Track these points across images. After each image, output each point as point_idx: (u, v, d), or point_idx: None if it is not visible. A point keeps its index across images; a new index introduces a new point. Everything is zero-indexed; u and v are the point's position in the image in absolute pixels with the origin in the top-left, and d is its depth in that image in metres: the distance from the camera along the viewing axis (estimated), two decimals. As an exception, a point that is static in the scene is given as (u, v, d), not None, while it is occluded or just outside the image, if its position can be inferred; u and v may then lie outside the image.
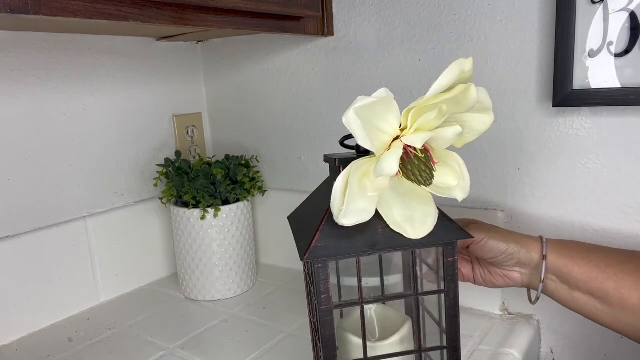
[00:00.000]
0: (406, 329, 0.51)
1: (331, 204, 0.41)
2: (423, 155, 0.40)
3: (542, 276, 0.56)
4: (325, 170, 0.52)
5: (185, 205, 0.86)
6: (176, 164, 0.90)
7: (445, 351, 0.48)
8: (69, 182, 0.85)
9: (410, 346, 0.51)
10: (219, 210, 0.86)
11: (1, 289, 0.77)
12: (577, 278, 0.55)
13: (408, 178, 0.41)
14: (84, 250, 0.87)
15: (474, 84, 0.40)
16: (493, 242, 0.57)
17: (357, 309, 0.46)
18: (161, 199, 0.90)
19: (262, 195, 0.98)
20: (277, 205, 1.00)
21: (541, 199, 0.72)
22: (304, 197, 0.94)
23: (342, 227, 0.41)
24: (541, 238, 0.58)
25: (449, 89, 0.39)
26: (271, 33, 0.77)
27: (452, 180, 0.43)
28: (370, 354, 0.47)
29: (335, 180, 0.41)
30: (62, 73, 0.82)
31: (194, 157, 1.04)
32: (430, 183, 0.41)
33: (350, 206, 0.40)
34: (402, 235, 0.43)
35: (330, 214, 0.42)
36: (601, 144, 0.67)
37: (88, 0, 0.51)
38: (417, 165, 0.40)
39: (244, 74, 1.00)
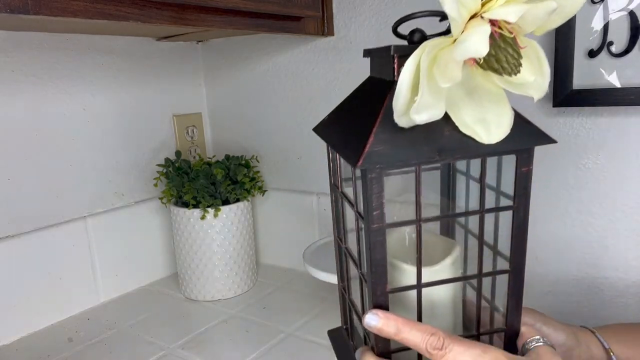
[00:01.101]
0: (457, 252, 0.45)
1: (395, 99, 0.33)
2: (512, 36, 0.33)
3: None
4: (325, 170, 0.52)
5: (185, 205, 0.86)
6: (176, 164, 0.90)
7: (507, 276, 0.42)
8: (69, 182, 0.85)
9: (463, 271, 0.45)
10: (219, 210, 0.86)
11: (1, 289, 0.77)
12: None
13: (489, 66, 0.34)
14: (84, 250, 0.87)
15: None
16: (547, 329, 0.46)
17: (394, 234, 0.40)
18: (161, 199, 0.90)
19: (262, 195, 0.98)
20: (277, 205, 1.00)
21: (541, 199, 0.72)
22: (304, 197, 0.93)
23: (400, 130, 0.35)
24: (587, 328, 0.49)
25: None
26: (271, 33, 0.77)
27: (529, 75, 0.35)
28: (410, 270, 0.41)
29: (377, 80, 0.35)
30: (62, 73, 0.82)
31: (194, 157, 1.04)
32: (519, 71, 0.34)
33: (422, 100, 0.33)
34: (472, 141, 0.36)
35: (384, 116, 0.35)
36: (601, 144, 0.67)
37: (88, 0, 0.51)
38: (503, 49, 0.33)
39: (244, 74, 1.00)
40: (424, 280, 0.40)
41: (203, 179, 0.86)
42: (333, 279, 0.56)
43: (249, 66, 0.99)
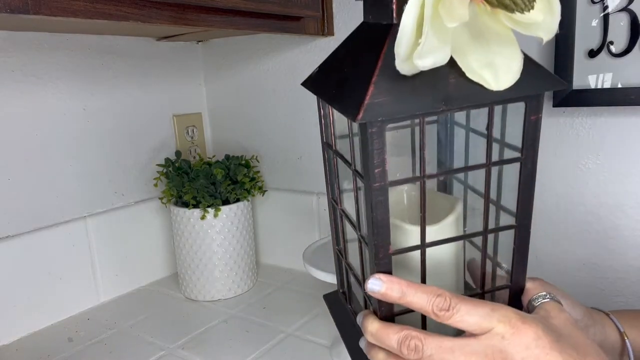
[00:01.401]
0: (459, 209, 0.42)
1: (397, 42, 0.31)
2: None
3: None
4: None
5: (185, 205, 0.86)
6: (176, 164, 0.90)
7: (509, 233, 0.40)
8: (69, 182, 0.85)
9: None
10: (219, 210, 0.86)
11: (1, 289, 0.77)
12: None
13: (500, 3, 0.31)
14: (84, 250, 0.87)
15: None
16: (565, 302, 0.44)
17: (391, 193, 0.37)
18: (161, 199, 0.90)
19: (262, 195, 0.98)
20: (277, 205, 1.00)
21: (541, 199, 0.72)
22: (304, 197, 0.93)
23: (402, 79, 0.32)
24: (602, 311, 0.48)
25: None
26: (271, 33, 0.77)
27: (538, 14, 0.32)
28: (410, 230, 0.39)
29: (372, 25, 0.33)
30: (62, 73, 0.82)
31: (194, 157, 1.04)
32: (532, 7, 0.31)
33: (427, 42, 0.30)
34: (479, 88, 0.34)
35: (384, 63, 0.33)
36: (601, 144, 0.67)
37: (88, 0, 0.51)
38: None
39: (244, 74, 1.00)
40: (429, 239, 0.38)
41: (203, 179, 0.86)
42: (333, 279, 0.56)
43: (249, 66, 0.99)
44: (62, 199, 0.84)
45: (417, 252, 0.38)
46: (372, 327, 0.37)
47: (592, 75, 0.63)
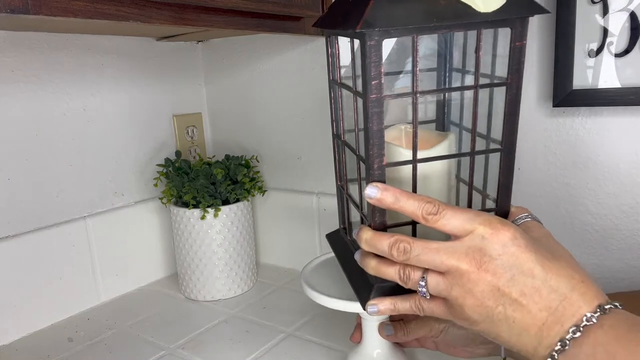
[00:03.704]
0: (451, 138, 0.47)
1: None
2: None
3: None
4: (325, 170, 0.52)
5: (185, 205, 0.86)
6: (176, 164, 0.90)
7: (499, 155, 0.44)
8: (69, 182, 0.85)
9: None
10: (219, 210, 0.86)
11: (1, 289, 0.77)
12: None
13: None
14: (84, 250, 0.87)
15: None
16: (455, 330, 0.52)
17: (392, 131, 0.41)
18: (161, 199, 0.90)
19: (262, 195, 0.98)
20: (277, 205, 1.00)
21: (541, 198, 0.72)
22: (304, 197, 0.94)
23: (399, 0, 0.37)
24: None
25: None
26: (271, 33, 0.77)
27: None
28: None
29: None
30: (62, 73, 0.82)
31: (194, 157, 1.04)
32: None
33: None
34: (468, 9, 0.37)
35: None
36: (601, 144, 0.67)
37: (88, 0, 0.51)
38: None
39: (244, 74, 1.00)
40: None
41: (203, 179, 0.86)
42: (332, 303, 0.55)
43: (249, 66, 0.99)
44: (62, 199, 0.84)
45: (410, 173, 0.42)
46: (367, 235, 0.42)
47: (592, 75, 0.64)
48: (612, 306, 0.35)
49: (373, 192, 0.40)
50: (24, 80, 0.78)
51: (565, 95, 0.65)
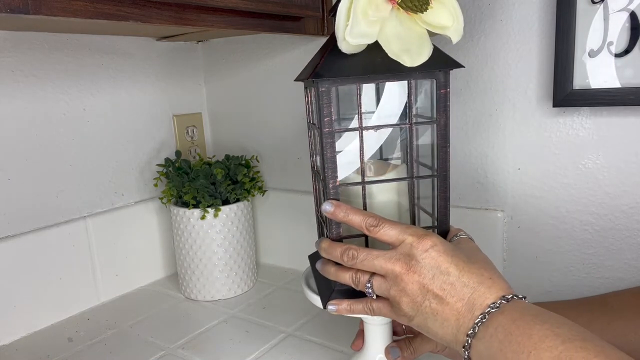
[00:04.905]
0: (402, 168, 0.56)
1: (336, 27, 0.44)
2: None
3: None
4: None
5: (185, 205, 0.86)
6: (176, 164, 0.90)
7: (435, 180, 0.52)
8: (69, 182, 0.85)
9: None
10: (219, 210, 0.86)
11: (1, 289, 0.77)
12: None
13: (405, 5, 0.45)
14: (84, 250, 0.87)
15: (473, 83, 0.40)
16: (426, 345, 0.57)
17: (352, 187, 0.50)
18: (161, 199, 0.90)
19: (262, 195, 0.98)
20: (277, 205, 1.00)
21: (541, 199, 0.72)
22: (304, 197, 0.95)
23: (344, 57, 0.46)
24: None
25: None
26: (271, 33, 0.77)
27: (447, 21, 0.47)
28: (367, 187, 0.52)
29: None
30: (62, 73, 0.82)
31: (194, 157, 1.04)
32: (426, 9, 0.45)
33: (355, 28, 0.43)
34: (399, 65, 0.46)
35: (333, 46, 0.46)
36: (601, 144, 0.67)
37: (88, 0, 0.51)
38: None
39: (244, 74, 1.00)
40: (372, 186, 0.52)
41: (203, 179, 0.86)
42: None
43: (248, 66, 0.99)
44: (62, 199, 0.84)
45: (366, 194, 0.51)
46: (325, 244, 0.51)
47: (592, 75, 0.63)
48: (515, 297, 0.42)
49: (328, 207, 0.49)
50: (24, 80, 0.78)
51: (565, 95, 0.65)
